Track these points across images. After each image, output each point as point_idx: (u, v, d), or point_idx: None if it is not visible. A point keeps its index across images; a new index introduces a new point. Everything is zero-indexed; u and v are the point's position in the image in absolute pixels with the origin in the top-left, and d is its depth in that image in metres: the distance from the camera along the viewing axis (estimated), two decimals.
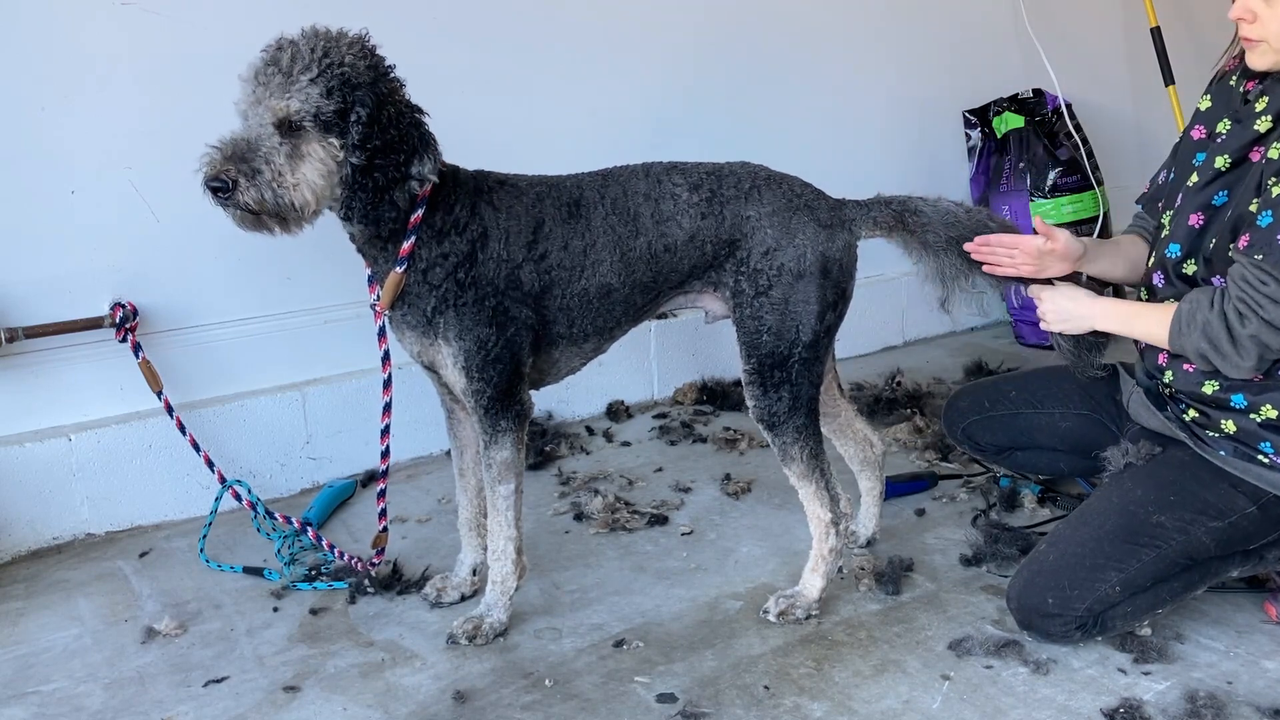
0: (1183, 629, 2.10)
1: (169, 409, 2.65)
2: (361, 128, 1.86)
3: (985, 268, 2.19)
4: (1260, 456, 2.04)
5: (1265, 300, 1.89)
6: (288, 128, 1.84)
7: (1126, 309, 2.14)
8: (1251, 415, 2.03)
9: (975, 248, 2.17)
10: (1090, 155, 3.97)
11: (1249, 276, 1.92)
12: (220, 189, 1.82)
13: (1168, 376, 2.16)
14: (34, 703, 2.01)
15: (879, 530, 2.50)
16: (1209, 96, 2.19)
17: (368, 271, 2.09)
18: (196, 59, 2.67)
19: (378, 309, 2.06)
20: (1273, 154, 1.97)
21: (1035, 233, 2.16)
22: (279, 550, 2.50)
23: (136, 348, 2.65)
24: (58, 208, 2.59)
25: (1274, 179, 1.92)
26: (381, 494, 2.37)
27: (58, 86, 2.55)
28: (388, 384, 2.29)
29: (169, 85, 2.66)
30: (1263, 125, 2.00)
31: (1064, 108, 3.97)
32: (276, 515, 2.55)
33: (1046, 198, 3.87)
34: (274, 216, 1.87)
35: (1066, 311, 2.17)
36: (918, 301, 4.00)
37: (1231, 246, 1.98)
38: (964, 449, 2.65)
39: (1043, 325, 2.24)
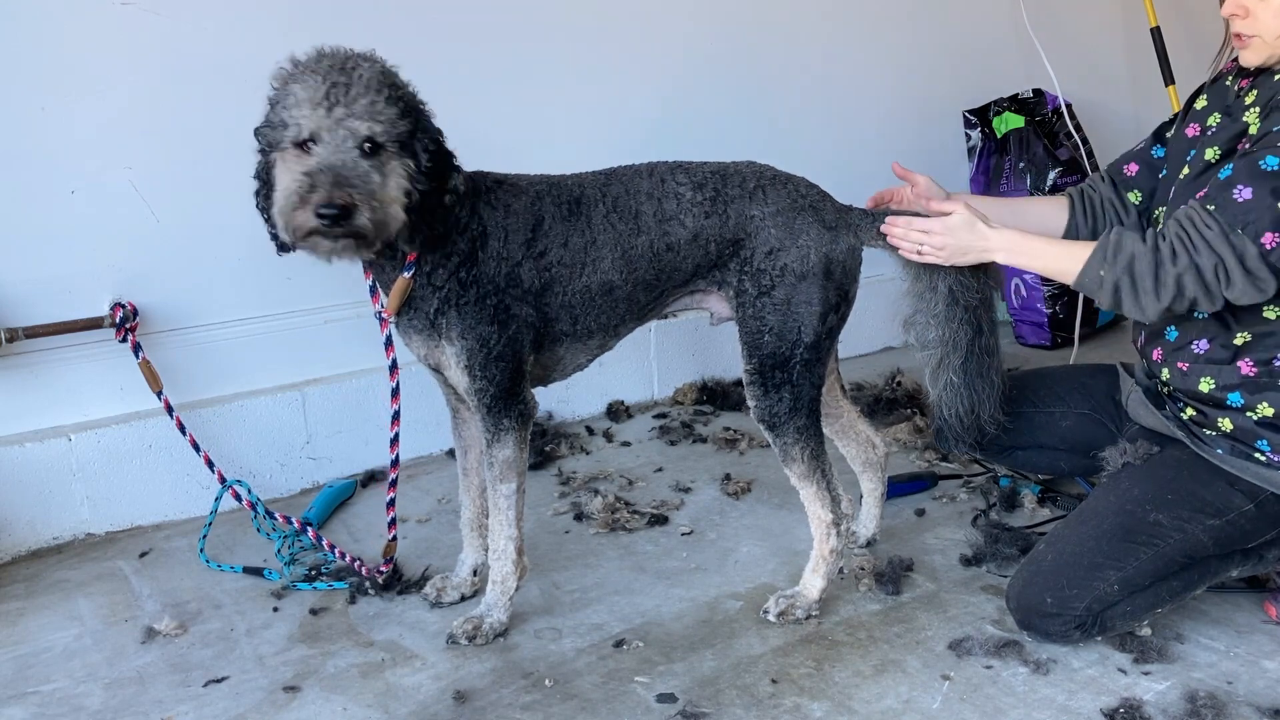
0: (1183, 629, 2.10)
1: (169, 409, 2.65)
2: (429, 155, 1.88)
3: (894, 242, 2.15)
4: (1257, 454, 2.04)
5: (1201, 243, 1.90)
6: (370, 148, 1.82)
7: (1032, 241, 2.09)
8: (1248, 413, 2.04)
9: (888, 227, 2.13)
10: (1090, 155, 3.97)
11: (1194, 217, 1.92)
12: (339, 215, 1.76)
13: (1164, 375, 2.16)
14: (34, 703, 2.01)
15: (879, 530, 2.50)
16: (1204, 97, 2.20)
17: (368, 281, 2.09)
18: (197, 59, 2.68)
19: (384, 317, 2.06)
20: (1252, 130, 1.98)
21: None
22: (279, 550, 2.51)
23: (136, 348, 2.65)
24: (58, 208, 2.59)
25: (1251, 147, 1.93)
26: (391, 503, 2.36)
27: (58, 86, 2.55)
28: (395, 393, 2.28)
29: (169, 85, 2.67)
30: (1251, 117, 2.01)
31: (1064, 108, 3.97)
32: (276, 515, 2.55)
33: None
34: (374, 239, 1.84)
35: (964, 243, 2.09)
36: None
37: (1190, 198, 1.99)
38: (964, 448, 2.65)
39: (928, 258, 2.12)
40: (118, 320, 2.64)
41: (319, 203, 1.76)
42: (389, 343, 2.20)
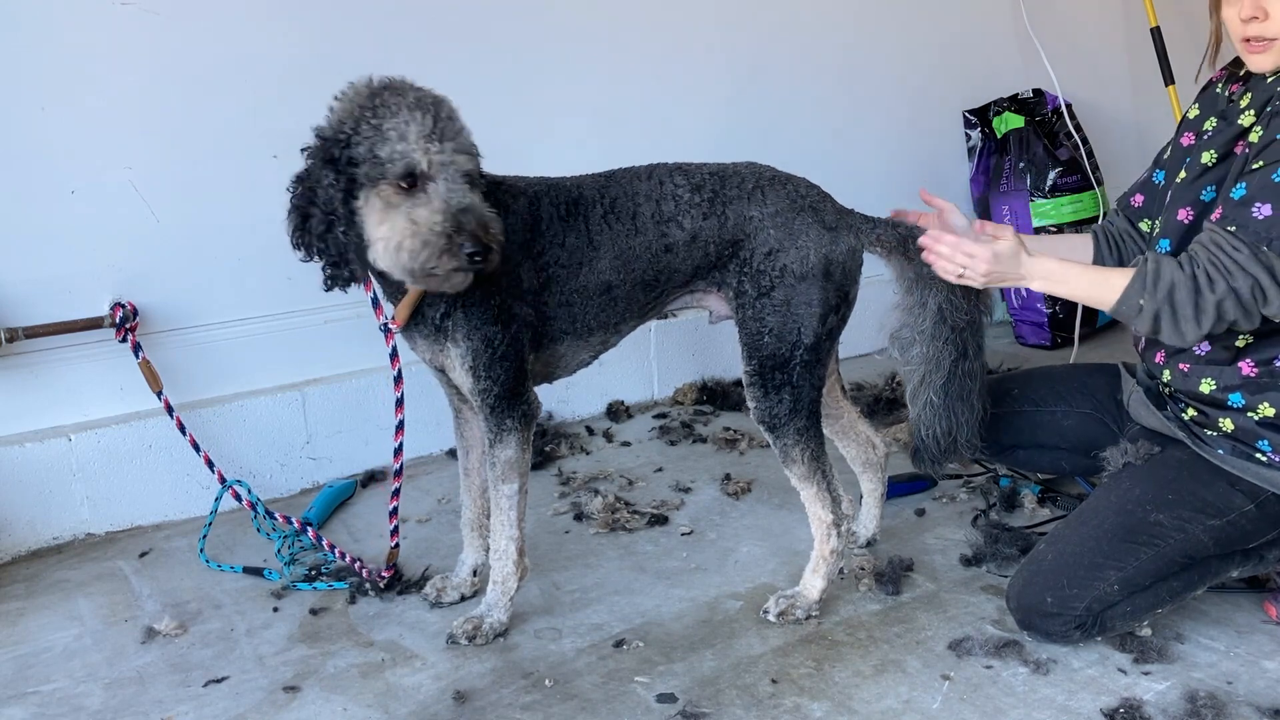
0: (1183, 629, 2.10)
1: (169, 409, 2.65)
2: (483, 180, 1.92)
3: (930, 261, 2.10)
4: (1258, 455, 2.04)
5: (1235, 266, 1.89)
6: (469, 182, 1.85)
7: (1067, 268, 2.06)
8: (1249, 414, 2.04)
9: (931, 243, 2.08)
10: (1090, 155, 3.98)
11: (1221, 242, 1.91)
12: (484, 253, 1.80)
13: (1165, 376, 2.16)
14: (34, 703, 2.02)
15: (879, 530, 2.50)
16: (1197, 105, 2.21)
17: (368, 295, 2.09)
18: (196, 59, 2.68)
19: (392, 328, 2.05)
20: (1253, 138, 1.98)
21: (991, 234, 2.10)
22: (279, 550, 2.51)
23: (136, 348, 2.65)
24: (58, 207, 2.59)
25: (1257, 161, 1.93)
26: (394, 512, 2.36)
27: (58, 86, 2.55)
28: (400, 403, 2.28)
29: (169, 85, 2.67)
30: (1246, 119, 2.02)
31: (1064, 108, 3.97)
32: (276, 515, 2.55)
33: (1046, 198, 3.87)
34: (493, 271, 1.88)
35: (1007, 271, 2.04)
36: None
37: (1205, 221, 1.99)
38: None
39: (966, 281, 2.07)
40: (118, 320, 2.64)
41: (468, 244, 1.78)
42: (395, 354, 2.19)
